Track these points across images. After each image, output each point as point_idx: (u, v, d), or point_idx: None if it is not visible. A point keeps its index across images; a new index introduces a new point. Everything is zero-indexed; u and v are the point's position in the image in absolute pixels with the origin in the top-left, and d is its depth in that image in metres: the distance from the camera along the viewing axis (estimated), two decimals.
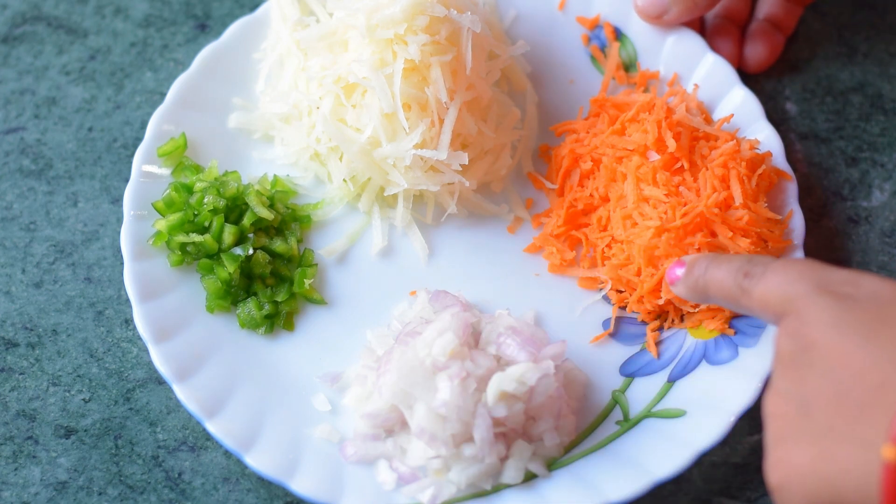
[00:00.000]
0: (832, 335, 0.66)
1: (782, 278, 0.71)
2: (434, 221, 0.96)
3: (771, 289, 0.72)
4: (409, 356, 0.82)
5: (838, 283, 0.69)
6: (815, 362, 0.66)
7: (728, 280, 0.76)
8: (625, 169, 0.92)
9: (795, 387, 0.67)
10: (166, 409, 0.89)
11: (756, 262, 0.75)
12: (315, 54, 0.94)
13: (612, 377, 0.90)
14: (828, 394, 0.65)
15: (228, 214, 0.91)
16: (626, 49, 1.01)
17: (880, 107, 1.03)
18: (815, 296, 0.68)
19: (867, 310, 0.66)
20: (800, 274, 0.71)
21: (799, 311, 0.68)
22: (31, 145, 1.00)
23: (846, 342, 0.65)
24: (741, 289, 0.74)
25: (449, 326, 0.84)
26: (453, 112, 0.91)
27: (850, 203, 0.99)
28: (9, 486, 0.87)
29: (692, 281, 0.80)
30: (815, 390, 0.66)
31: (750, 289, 0.74)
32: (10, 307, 0.93)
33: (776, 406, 0.68)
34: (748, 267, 0.75)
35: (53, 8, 1.07)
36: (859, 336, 0.65)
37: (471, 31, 0.92)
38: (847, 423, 0.64)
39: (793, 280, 0.71)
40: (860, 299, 0.67)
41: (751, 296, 0.74)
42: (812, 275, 0.70)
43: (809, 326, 0.67)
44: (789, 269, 0.72)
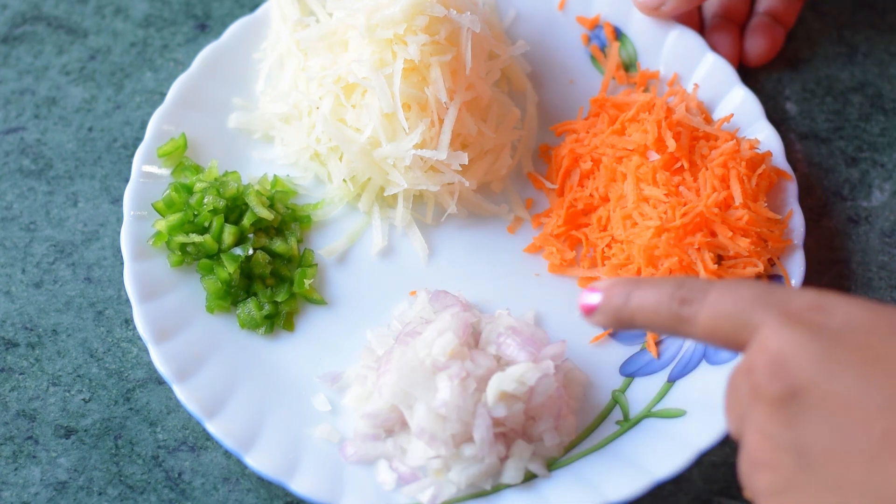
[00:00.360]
0: (824, 377, 0.60)
1: (733, 302, 0.65)
2: (434, 221, 0.96)
3: (721, 314, 0.66)
4: (409, 356, 0.82)
5: (804, 309, 0.64)
6: (809, 408, 0.61)
7: (661, 307, 0.68)
8: (625, 169, 0.92)
9: (790, 434, 0.61)
10: (166, 409, 0.90)
11: (691, 287, 0.68)
12: (315, 54, 0.94)
13: (612, 377, 0.90)
14: (830, 444, 0.60)
15: (228, 214, 0.91)
16: (626, 49, 1.01)
17: (880, 107, 1.03)
18: (785, 326, 0.62)
19: (852, 343, 0.61)
20: (753, 297, 0.65)
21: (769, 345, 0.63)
22: (31, 145, 1.00)
23: (840, 384, 0.60)
24: (679, 317, 0.68)
25: (449, 326, 0.84)
26: (453, 112, 0.91)
27: (850, 203, 0.99)
28: (9, 486, 0.87)
29: (613, 310, 0.71)
30: (814, 439, 0.60)
31: (692, 316, 0.67)
32: (10, 307, 0.93)
33: (769, 454, 0.62)
34: (683, 292, 0.68)
35: (53, 8, 1.07)
36: (853, 376, 0.60)
37: (470, 31, 0.92)
38: (857, 477, 0.59)
39: (747, 304, 0.65)
40: (838, 330, 0.62)
41: (694, 324, 0.67)
42: (769, 298, 0.65)
43: (793, 365, 0.61)
44: (737, 291, 0.66)
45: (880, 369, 0.60)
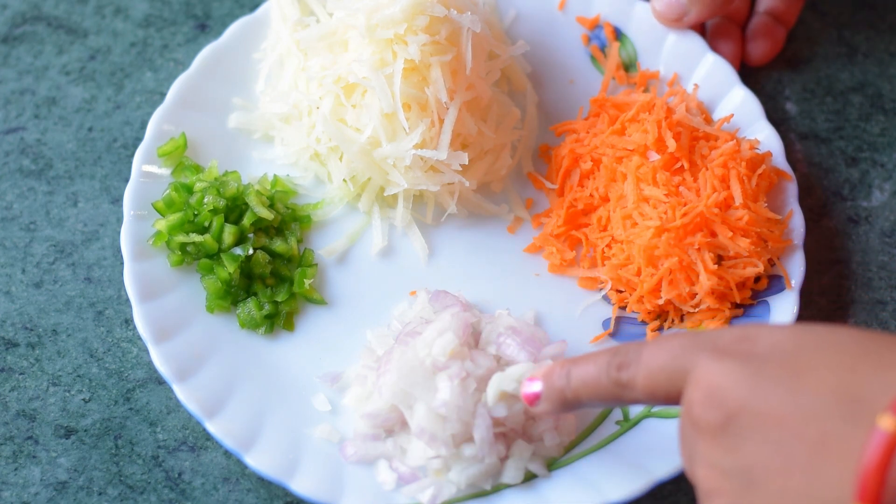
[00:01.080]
0: (755, 398, 0.62)
1: (665, 355, 0.67)
2: (434, 221, 0.96)
3: (656, 370, 0.67)
4: (409, 356, 0.82)
5: (730, 343, 0.65)
6: (745, 429, 0.62)
7: (601, 380, 0.70)
8: (625, 169, 0.92)
9: (732, 458, 0.62)
10: (166, 409, 0.89)
11: (625, 352, 0.69)
12: (315, 54, 0.94)
13: None
14: (770, 460, 0.61)
15: (228, 214, 0.91)
16: (626, 49, 1.01)
17: (880, 107, 1.03)
18: (714, 361, 0.64)
19: (778, 363, 0.63)
20: (681, 346, 0.67)
21: (702, 380, 0.64)
22: (31, 145, 1.00)
23: (771, 402, 0.61)
24: (619, 384, 0.69)
25: (449, 326, 0.84)
26: (453, 112, 0.91)
27: (850, 203, 0.99)
28: (9, 486, 0.87)
29: (556, 394, 0.73)
30: (755, 459, 0.61)
31: (631, 380, 0.69)
32: (10, 307, 0.93)
33: (717, 481, 0.63)
34: (618, 359, 0.69)
35: (53, 8, 1.07)
36: (782, 392, 0.61)
37: (471, 31, 0.92)
38: (799, 487, 0.60)
39: (678, 353, 0.66)
40: (763, 355, 0.63)
41: (634, 387, 0.69)
42: (697, 342, 0.66)
43: (726, 393, 0.63)
44: (666, 344, 0.67)
45: (807, 381, 0.61)
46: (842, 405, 0.60)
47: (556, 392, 0.74)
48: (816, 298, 0.95)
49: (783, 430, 0.61)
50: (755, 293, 0.91)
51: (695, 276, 0.88)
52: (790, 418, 0.61)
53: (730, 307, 0.90)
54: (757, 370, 0.62)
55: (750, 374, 0.62)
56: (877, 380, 0.60)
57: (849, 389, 0.60)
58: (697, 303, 0.89)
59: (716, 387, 0.63)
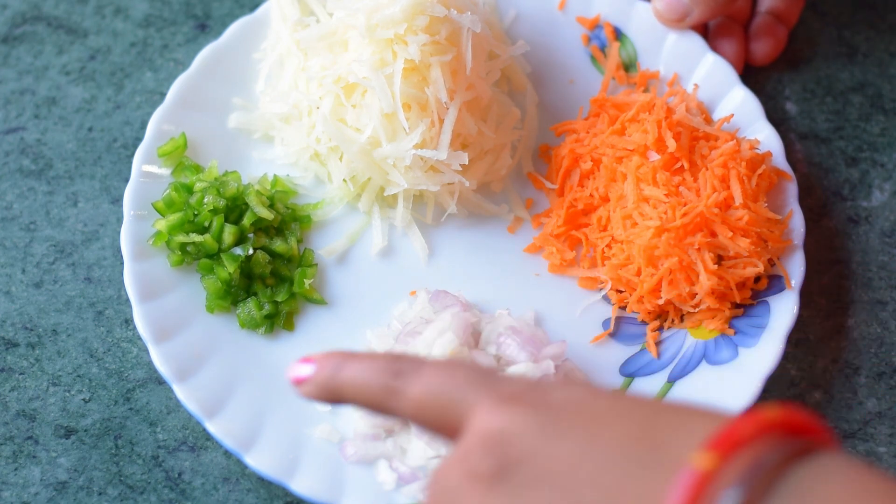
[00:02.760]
0: (544, 445, 0.56)
1: (447, 380, 0.61)
2: (434, 221, 0.96)
3: (432, 391, 0.61)
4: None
5: (520, 391, 0.59)
6: (530, 478, 0.56)
7: (372, 379, 0.63)
8: (625, 169, 0.92)
9: None
10: (166, 409, 0.90)
11: (407, 360, 0.63)
12: (315, 54, 0.94)
13: (612, 377, 0.90)
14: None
15: (228, 214, 0.91)
16: (626, 49, 1.01)
17: (880, 107, 1.03)
18: (501, 405, 0.58)
19: (571, 414, 0.57)
20: (466, 378, 0.61)
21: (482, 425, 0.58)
22: (31, 145, 1.00)
23: (563, 450, 0.56)
24: (389, 391, 0.62)
25: (449, 326, 0.84)
26: (453, 112, 0.91)
27: (850, 203, 0.99)
28: (9, 486, 0.87)
29: (323, 380, 0.66)
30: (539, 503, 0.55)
31: (402, 391, 0.62)
32: (10, 307, 0.93)
33: None
34: (397, 365, 0.63)
35: (53, 8, 1.07)
36: (575, 440, 0.56)
37: (471, 31, 0.92)
38: None
39: (460, 384, 0.60)
40: (556, 407, 0.58)
41: (404, 396, 0.62)
42: (484, 381, 0.60)
43: (511, 440, 0.57)
44: (452, 370, 0.61)
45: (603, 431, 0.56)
46: (642, 452, 0.55)
47: (323, 379, 0.66)
48: (816, 298, 0.95)
49: (575, 478, 0.55)
50: (755, 293, 0.91)
51: (695, 276, 0.88)
52: (584, 466, 0.55)
53: (730, 307, 0.90)
54: (548, 419, 0.57)
55: (540, 423, 0.57)
56: (680, 427, 0.55)
57: (649, 436, 0.55)
58: (697, 303, 0.89)
59: (499, 433, 0.57)
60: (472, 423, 0.59)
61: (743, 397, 0.86)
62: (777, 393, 0.91)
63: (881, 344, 0.93)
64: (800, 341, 0.93)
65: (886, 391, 0.91)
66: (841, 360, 0.93)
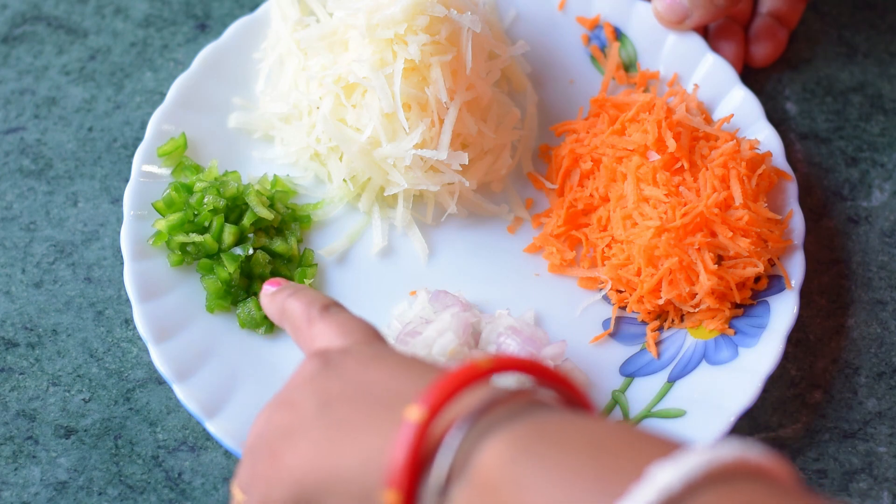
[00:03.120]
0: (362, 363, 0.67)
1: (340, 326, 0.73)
2: (434, 221, 0.96)
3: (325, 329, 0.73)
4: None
5: None
6: (338, 373, 0.66)
7: (303, 308, 0.75)
8: (625, 169, 0.92)
9: (317, 390, 0.66)
10: (166, 409, 0.89)
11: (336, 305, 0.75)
12: (315, 54, 0.94)
13: (612, 377, 0.90)
14: (349, 394, 0.64)
15: (228, 214, 0.91)
16: (626, 49, 1.01)
17: (880, 107, 1.03)
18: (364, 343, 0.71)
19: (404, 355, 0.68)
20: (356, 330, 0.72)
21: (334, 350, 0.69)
22: (31, 145, 1.00)
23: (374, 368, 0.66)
24: (309, 318, 0.74)
25: (449, 326, 0.84)
26: (453, 112, 0.91)
27: (850, 203, 0.99)
28: (9, 486, 0.87)
29: (279, 300, 0.78)
30: (337, 391, 0.65)
31: (315, 320, 0.74)
32: (10, 307, 0.93)
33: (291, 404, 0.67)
34: (329, 304, 0.75)
35: (53, 8, 1.07)
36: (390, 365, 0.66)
37: (471, 31, 0.92)
38: (365, 415, 0.63)
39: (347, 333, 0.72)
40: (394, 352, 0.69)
41: (311, 326, 0.74)
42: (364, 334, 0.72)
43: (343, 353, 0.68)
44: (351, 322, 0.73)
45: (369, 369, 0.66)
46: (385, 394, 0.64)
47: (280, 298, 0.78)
48: (816, 298, 0.95)
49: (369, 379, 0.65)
50: (755, 293, 0.91)
51: (695, 276, 0.88)
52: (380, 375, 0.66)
53: (730, 307, 0.90)
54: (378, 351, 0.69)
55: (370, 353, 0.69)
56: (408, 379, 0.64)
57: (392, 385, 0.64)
58: (697, 303, 0.89)
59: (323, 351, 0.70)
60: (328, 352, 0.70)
61: (743, 397, 0.85)
62: (777, 393, 0.91)
63: (881, 344, 0.93)
64: (800, 341, 0.93)
65: (886, 391, 0.91)
66: (841, 360, 0.93)
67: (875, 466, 0.89)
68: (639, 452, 0.56)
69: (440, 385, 0.60)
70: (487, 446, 0.58)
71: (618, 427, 0.59)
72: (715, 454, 0.55)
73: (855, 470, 0.88)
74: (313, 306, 0.75)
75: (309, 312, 0.75)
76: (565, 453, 0.57)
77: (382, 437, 0.61)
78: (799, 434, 0.90)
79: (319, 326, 0.73)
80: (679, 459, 0.54)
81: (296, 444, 0.64)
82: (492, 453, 0.58)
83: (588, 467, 0.56)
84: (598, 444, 0.57)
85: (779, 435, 0.90)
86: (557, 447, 0.57)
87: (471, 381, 0.61)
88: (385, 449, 0.61)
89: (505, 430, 0.59)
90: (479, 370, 0.62)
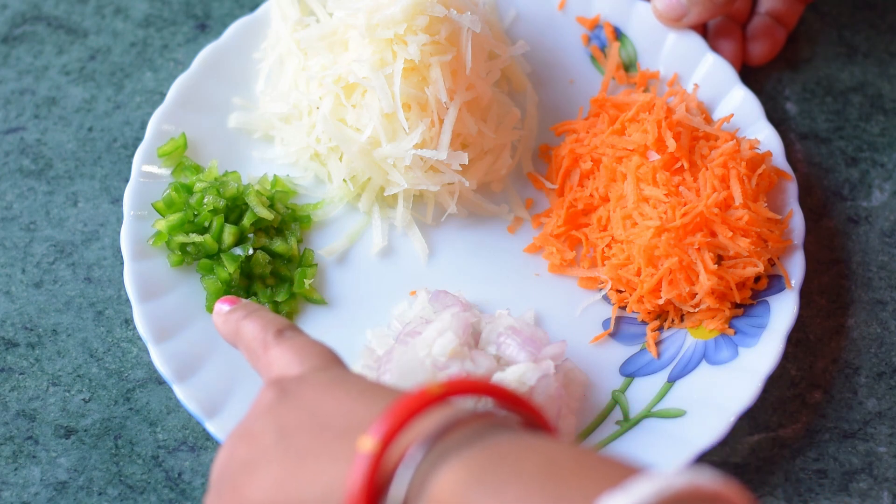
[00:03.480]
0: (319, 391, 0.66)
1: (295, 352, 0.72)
2: (434, 221, 0.96)
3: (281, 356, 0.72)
4: (409, 356, 0.82)
5: None
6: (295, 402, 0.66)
7: (258, 332, 0.74)
8: (625, 169, 0.92)
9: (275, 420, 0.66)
10: (166, 409, 0.90)
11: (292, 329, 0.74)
12: (315, 54, 0.94)
13: (612, 377, 0.90)
14: (307, 425, 0.64)
15: (228, 214, 0.91)
16: (626, 49, 1.01)
17: (880, 107, 1.03)
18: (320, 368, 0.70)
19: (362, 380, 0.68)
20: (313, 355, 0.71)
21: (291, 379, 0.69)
22: (31, 145, 1.00)
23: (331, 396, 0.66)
24: (265, 342, 0.73)
25: (449, 326, 0.84)
26: (453, 112, 0.91)
27: (850, 203, 0.99)
28: (9, 486, 0.87)
29: (232, 320, 0.77)
30: (295, 422, 0.65)
31: (271, 345, 0.73)
32: (10, 307, 0.93)
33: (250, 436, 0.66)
34: (284, 328, 0.74)
35: (53, 8, 1.07)
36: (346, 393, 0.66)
37: (471, 31, 0.92)
38: (323, 445, 0.63)
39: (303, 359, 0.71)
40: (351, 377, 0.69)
41: (267, 351, 0.73)
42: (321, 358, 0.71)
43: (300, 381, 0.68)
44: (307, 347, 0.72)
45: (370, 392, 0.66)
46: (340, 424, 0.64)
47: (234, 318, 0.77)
48: (816, 298, 0.95)
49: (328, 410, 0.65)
50: (755, 293, 0.91)
51: (695, 276, 0.88)
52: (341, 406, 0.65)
53: (730, 307, 0.90)
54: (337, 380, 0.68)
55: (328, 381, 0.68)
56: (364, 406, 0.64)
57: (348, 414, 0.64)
58: (697, 303, 0.89)
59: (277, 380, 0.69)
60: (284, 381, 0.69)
61: (743, 397, 0.85)
62: (777, 393, 0.91)
63: (881, 344, 0.93)
64: (800, 341, 0.93)
65: (886, 391, 0.91)
66: (841, 360, 0.93)
67: (875, 466, 0.89)
68: (591, 480, 0.57)
69: (392, 413, 0.61)
70: (442, 473, 0.59)
71: (573, 453, 0.59)
72: (667, 482, 0.55)
73: (855, 470, 0.88)
74: (268, 330, 0.74)
75: (264, 337, 0.74)
76: (519, 482, 0.57)
77: (340, 467, 0.61)
78: (799, 434, 0.90)
79: (275, 352, 0.72)
80: (629, 488, 0.54)
81: (256, 476, 0.65)
82: (447, 479, 0.58)
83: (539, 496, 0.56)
84: (551, 472, 0.57)
85: (779, 435, 0.90)
86: (512, 475, 0.58)
87: (423, 408, 0.61)
88: (343, 479, 0.61)
89: (460, 457, 0.59)
90: (431, 396, 0.62)
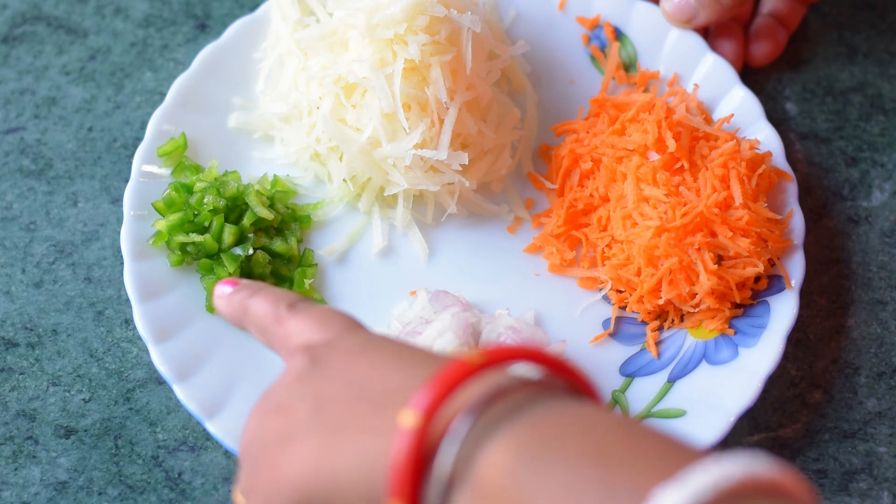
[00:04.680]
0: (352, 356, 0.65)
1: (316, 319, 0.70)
2: (434, 221, 0.96)
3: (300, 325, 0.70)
4: None
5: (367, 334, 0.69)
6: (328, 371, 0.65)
7: (268, 307, 0.72)
8: (625, 169, 0.92)
9: (309, 391, 0.64)
10: (166, 409, 0.90)
11: (304, 300, 0.73)
12: (315, 54, 0.94)
13: (612, 377, 0.90)
14: (343, 395, 0.63)
15: (228, 214, 0.91)
16: (626, 49, 1.01)
17: (880, 107, 1.03)
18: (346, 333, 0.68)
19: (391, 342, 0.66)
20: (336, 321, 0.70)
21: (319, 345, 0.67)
22: (31, 145, 1.00)
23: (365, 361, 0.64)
24: (278, 317, 0.72)
25: (449, 326, 0.84)
26: (453, 112, 0.91)
27: (850, 203, 0.99)
28: (9, 486, 0.87)
29: (237, 300, 0.75)
30: (330, 392, 0.63)
31: (285, 318, 0.71)
32: (10, 307, 0.93)
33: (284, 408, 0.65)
34: (296, 300, 0.72)
35: (53, 8, 1.07)
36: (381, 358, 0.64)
37: (471, 31, 0.92)
38: (360, 419, 0.61)
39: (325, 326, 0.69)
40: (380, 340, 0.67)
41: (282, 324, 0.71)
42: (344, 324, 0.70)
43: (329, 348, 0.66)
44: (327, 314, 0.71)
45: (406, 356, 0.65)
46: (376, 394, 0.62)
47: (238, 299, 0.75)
48: (816, 298, 0.95)
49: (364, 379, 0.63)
50: (755, 293, 0.91)
51: (695, 276, 0.88)
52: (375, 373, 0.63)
53: (730, 307, 0.90)
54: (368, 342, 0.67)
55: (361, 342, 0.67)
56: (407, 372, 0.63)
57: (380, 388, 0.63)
58: (697, 303, 0.89)
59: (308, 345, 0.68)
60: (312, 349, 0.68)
61: (743, 397, 0.85)
62: (777, 393, 0.91)
63: (881, 344, 0.93)
64: (800, 341, 0.93)
65: (886, 391, 0.91)
66: (841, 360, 0.93)
67: (875, 466, 0.89)
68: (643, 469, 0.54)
69: (433, 386, 0.59)
70: (489, 451, 0.57)
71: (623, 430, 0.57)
72: (723, 472, 0.53)
73: (855, 470, 0.88)
74: (280, 304, 0.72)
75: (276, 311, 0.72)
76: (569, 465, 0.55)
77: (381, 441, 0.60)
78: (799, 434, 0.90)
79: (293, 322, 0.71)
80: (684, 480, 0.53)
81: (293, 450, 0.63)
82: (494, 460, 0.57)
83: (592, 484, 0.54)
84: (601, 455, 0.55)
85: (779, 435, 0.90)
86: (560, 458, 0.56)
87: (464, 379, 0.59)
88: (384, 452, 0.59)
89: (507, 433, 0.57)
90: (472, 366, 0.60)
